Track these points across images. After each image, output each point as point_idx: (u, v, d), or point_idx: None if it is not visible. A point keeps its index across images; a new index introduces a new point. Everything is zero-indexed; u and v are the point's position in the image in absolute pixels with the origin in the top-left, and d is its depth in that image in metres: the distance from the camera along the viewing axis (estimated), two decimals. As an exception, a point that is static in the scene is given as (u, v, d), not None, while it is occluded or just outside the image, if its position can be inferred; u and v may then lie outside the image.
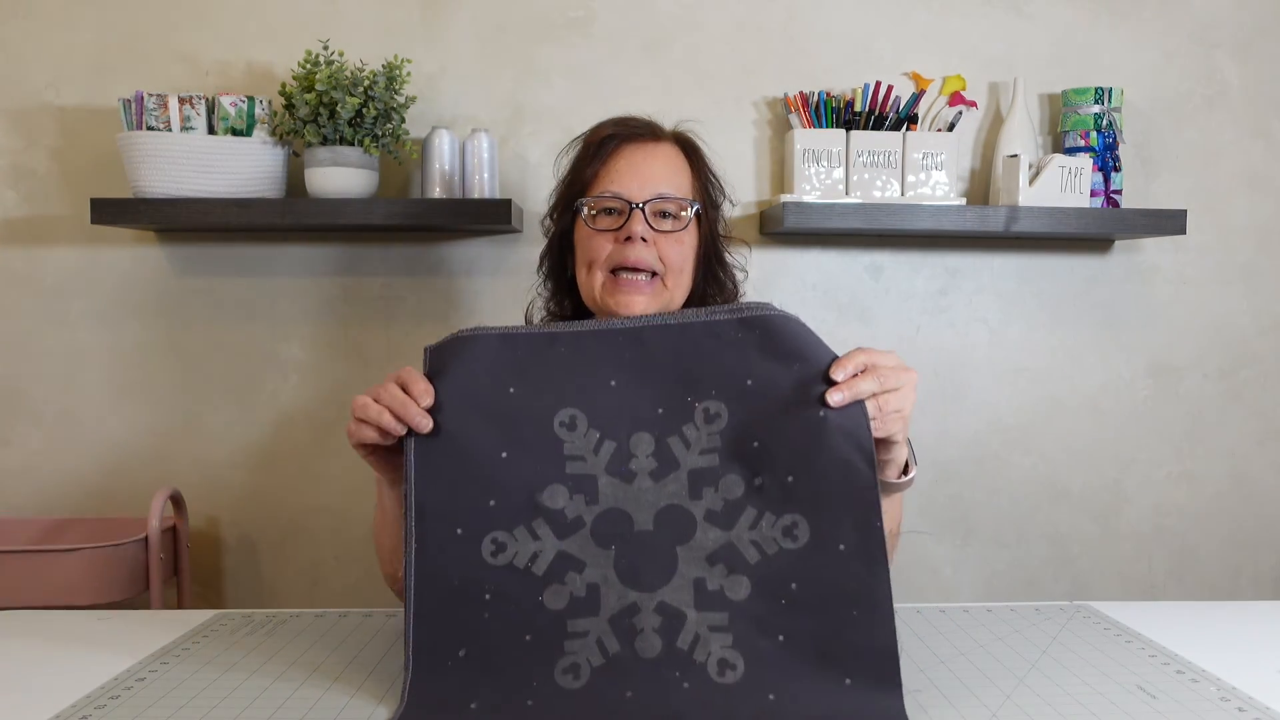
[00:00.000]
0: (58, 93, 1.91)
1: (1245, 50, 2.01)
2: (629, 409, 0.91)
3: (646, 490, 0.89)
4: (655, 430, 0.90)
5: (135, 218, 1.78)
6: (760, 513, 0.88)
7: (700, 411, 0.90)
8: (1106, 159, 1.91)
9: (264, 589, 1.99)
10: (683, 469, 0.89)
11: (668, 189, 1.20)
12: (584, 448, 0.90)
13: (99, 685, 0.92)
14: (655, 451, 0.89)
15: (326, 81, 1.72)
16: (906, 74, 1.97)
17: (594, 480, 0.89)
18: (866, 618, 0.85)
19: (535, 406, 0.91)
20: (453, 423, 0.91)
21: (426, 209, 1.80)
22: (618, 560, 0.87)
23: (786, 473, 0.88)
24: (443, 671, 0.86)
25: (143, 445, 1.96)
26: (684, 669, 0.84)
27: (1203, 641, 1.05)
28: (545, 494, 0.89)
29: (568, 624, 0.86)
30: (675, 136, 1.28)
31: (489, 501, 0.88)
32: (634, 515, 0.88)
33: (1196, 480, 2.08)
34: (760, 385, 0.90)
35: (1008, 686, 0.92)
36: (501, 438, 0.90)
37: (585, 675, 0.85)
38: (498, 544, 0.88)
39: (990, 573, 2.06)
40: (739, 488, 0.88)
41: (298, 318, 1.95)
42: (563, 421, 0.90)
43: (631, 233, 1.17)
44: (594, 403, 0.91)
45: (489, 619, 0.87)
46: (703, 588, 0.86)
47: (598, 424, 0.90)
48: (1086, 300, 2.03)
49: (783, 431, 0.89)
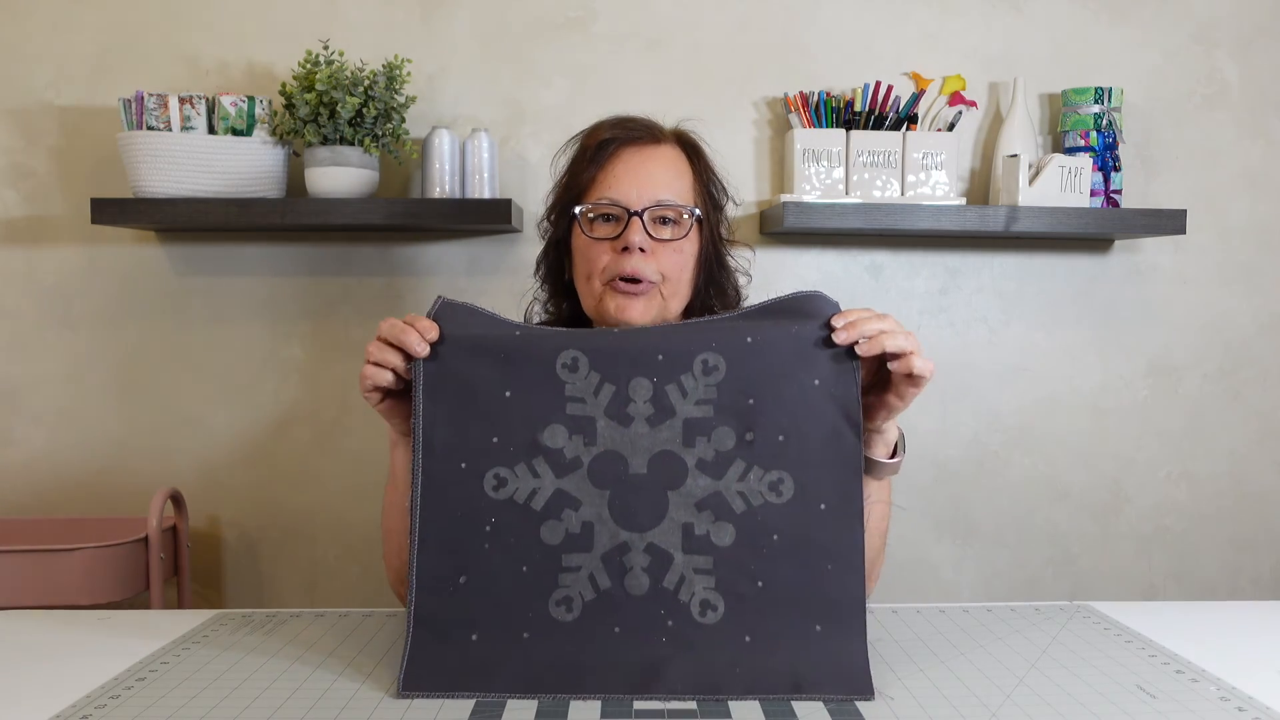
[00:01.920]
0: (58, 93, 1.91)
1: (1245, 50, 2.01)
2: (630, 353, 0.94)
3: (642, 435, 0.93)
4: (654, 376, 0.94)
5: (135, 218, 1.78)
6: (749, 466, 0.92)
7: (699, 362, 0.94)
8: (1106, 159, 1.91)
9: (264, 589, 1.99)
10: (678, 417, 0.93)
11: (667, 195, 1.17)
12: (584, 389, 0.94)
13: (99, 685, 0.92)
14: (653, 398, 0.93)
15: (326, 81, 1.72)
16: (906, 74, 1.97)
17: (593, 422, 0.93)
18: (839, 571, 0.91)
19: (538, 347, 0.95)
20: (458, 361, 0.95)
21: (426, 209, 1.80)
22: (612, 500, 0.92)
23: (778, 432, 0.93)
24: (444, 596, 0.92)
25: (143, 445, 1.96)
26: (669, 607, 0.91)
27: (1203, 641, 1.05)
28: (546, 433, 0.93)
29: (562, 558, 0.92)
30: (676, 137, 1.25)
31: (492, 438, 0.93)
32: (629, 458, 0.93)
33: (1196, 480, 2.08)
34: (759, 343, 0.94)
35: (1008, 686, 0.92)
36: (505, 377, 0.94)
37: (577, 609, 0.91)
38: (499, 479, 0.93)
39: (990, 573, 2.06)
40: (730, 440, 0.93)
41: (298, 318, 1.95)
42: (565, 363, 0.94)
43: (629, 243, 1.15)
44: (596, 346, 0.95)
45: (489, 549, 0.92)
46: (690, 532, 0.92)
47: (599, 366, 0.94)
48: (1086, 300, 2.03)
49: (777, 392, 0.93)
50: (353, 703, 0.88)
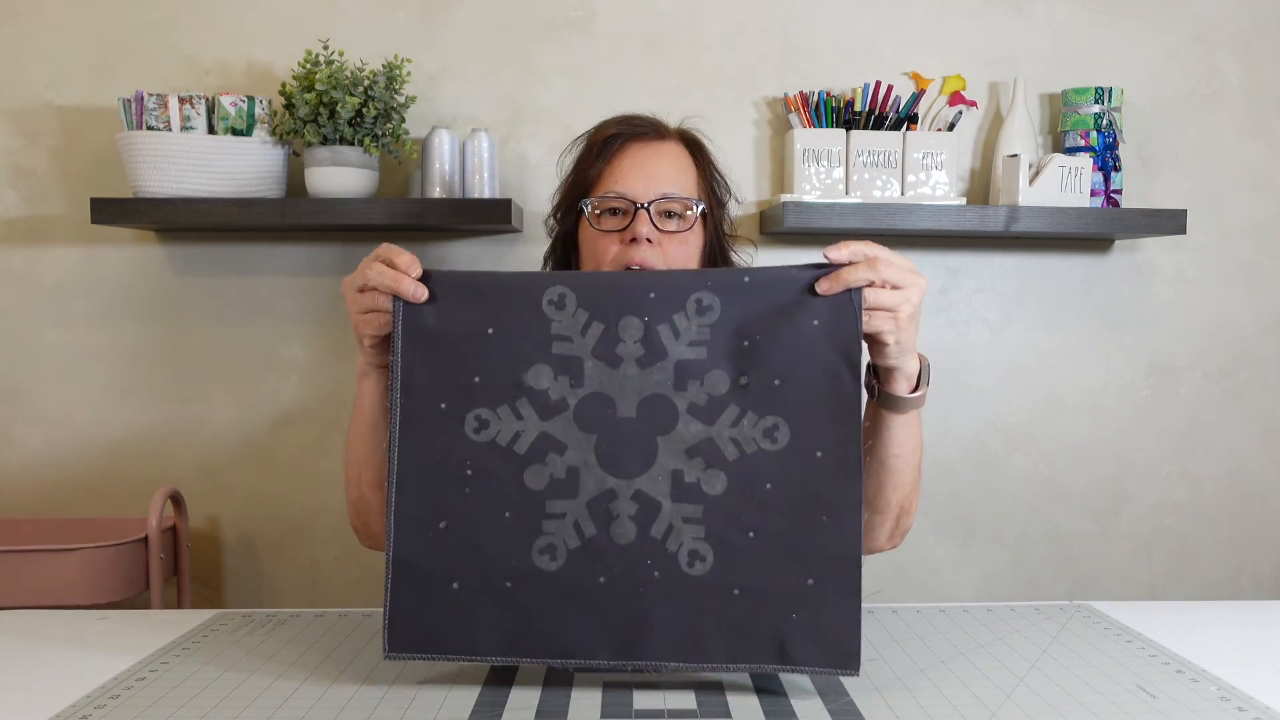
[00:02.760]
0: (58, 93, 1.91)
1: (1245, 50, 2.01)
2: (620, 290, 0.91)
3: (632, 377, 0.89)
4: (645, 315, 0.90)
5: (135, 217, 1.78)
6: (743, 411, 0.89)
7: (693, 301, 0.90)
8: (1106, 159, 1.91)
9: (264, 589, 2.00)
10: (669, 359, 0.89)
11: (673, 188, 1.19)
12: (571, 328, 0.90)
13: (99, 685, 0.92)
14: (643, 338, 0.89)
15: (326, 81, 1.72)
16: (906, 74, 1.97)
17: (580, 362, 0.89)
18: (834, 523, 0.88)
19: (524, 283, 0.91)
20: (440, 297, 0.91)
21: (426, 209, 1.80)
22: (598, 445, 0.89)
23: (773, 376, 0.89)
24: (423, 542, 0.90)
25: (143, 445, 1.96)
26: (656, 557, 0.88)
27: (1203, 641, 1.05)
28: (530, 373, 0.90)
29: (546, 504, 0.89)
30: (680, 134, 1.27)
31: (473, 378, 0.90)
32: (617, 401, 0.89)
33: (1196, 480, 2.07)
34: (757, 283, 0.91)
35: (1008, 686, 0.92)
36: (488, 313, 0.90)
37: (561, 557, 0.89)
38: (480, 420, 0.89)
39: (990, 573, 2.06)
40: (724, 384, 0.89)
41: (298, 318, 1.95)
42: (551, 300, 0.90)
43: (637, 234, 1.16)
44: (584, 282, 0.92)
45: (470, 494, 0.89)
46: (680, 480, 0.89)
47: (586, 303, 0.90)
48: (1086, 300, 2.03)
49: (774, 334, 0.90)
50: (352, 703, 0.88)
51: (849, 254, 0.92)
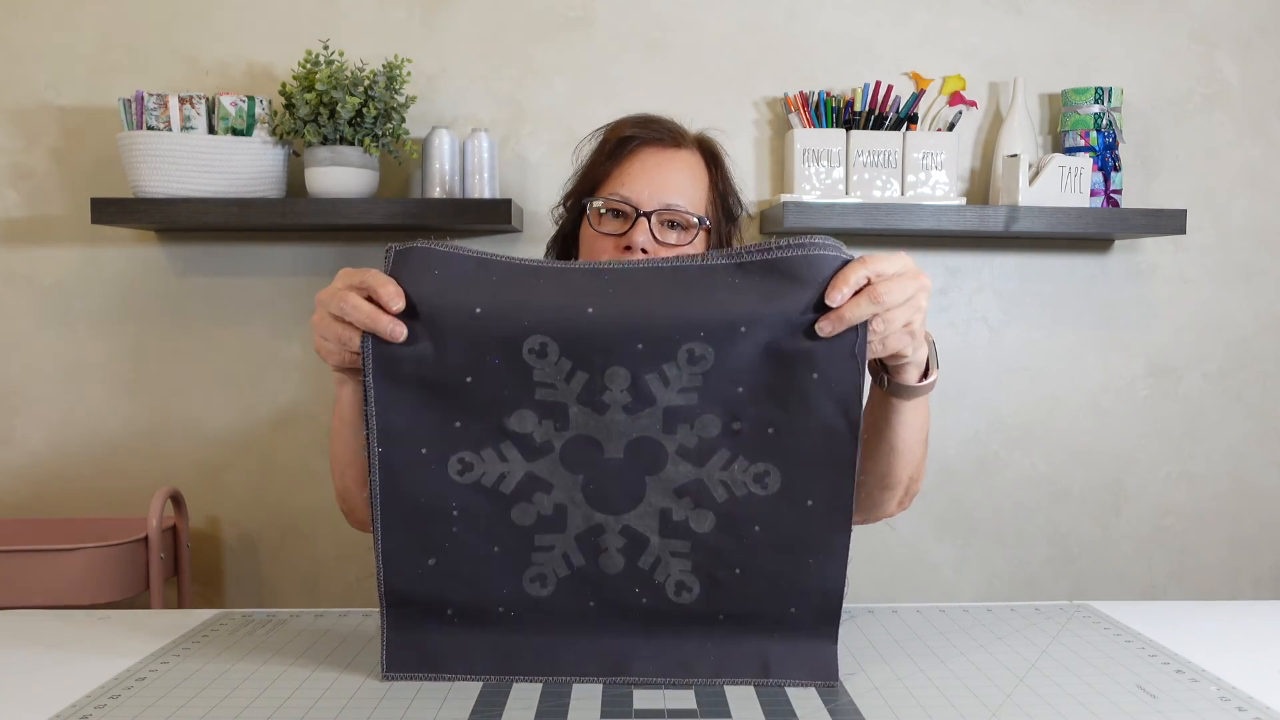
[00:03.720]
0: (58, 93, 1.91)
1: (1245, 50, 2.01)
2: (605, 340, 0.84)
3: (619, 421, 0.86)
4: (633, 366, 0.85)
5: (135, 218, 1.78)
6: (734, 455, 0.87)
7: (684, 352, 0.84)
8: (1106, 159, 1.91)
9: (264, 589, 1.99)
10: (658, 405, 0.86)
11: (679, 200, 1.17)
12: (554, 376, 0.85)
13: (99, 685, 0.92)
14: (631, 387, 0.85)
15: (326, 81, 1.72)
16: (906, 74, 1.97)
17: (564, 407, 0.86)
18: (821, 566, 0.88)
19: (503, 330, 0.85)
20: (415, 341, 0.85)
21: (426, 209, 1.80)
22: (585, 485, 0.88)
23: (767, 424, 0.86)
24: (414, 576, 0.90)
25: (143, 445, 1.96)
26: (643, 586, 0.89)
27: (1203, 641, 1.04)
28: (513, 418, 0.86)
29: (535, 538, 0.89)
30: (699, 143, 1.24)
31: (454, 423, 0.87)
32: (604, 444, 0.87)
33: (1196, 480, 2.08)
34: (754, 332, 0.84)
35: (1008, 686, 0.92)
36: (466, 362, 0.85)
37: (552, 584, 0.90)
38: (464, 463, 0.88)
39: (990, 573, 2.06)
40: (715, 427, 0.86)
41: (298, 318, 1.95)
42: (532, 349, 0.85)
43: (633, 242, 1.15)
44: (567, 330, 0.84)
45: (456, 533, 0.89)
46: (668, 518, 0.88)
47: (570, 354, 0.85)
48: (1086, 300, 2.03)
49: (770, 385, 0.85)
50: (353, 703, 0.88)
51: (849, 288, 0.83)
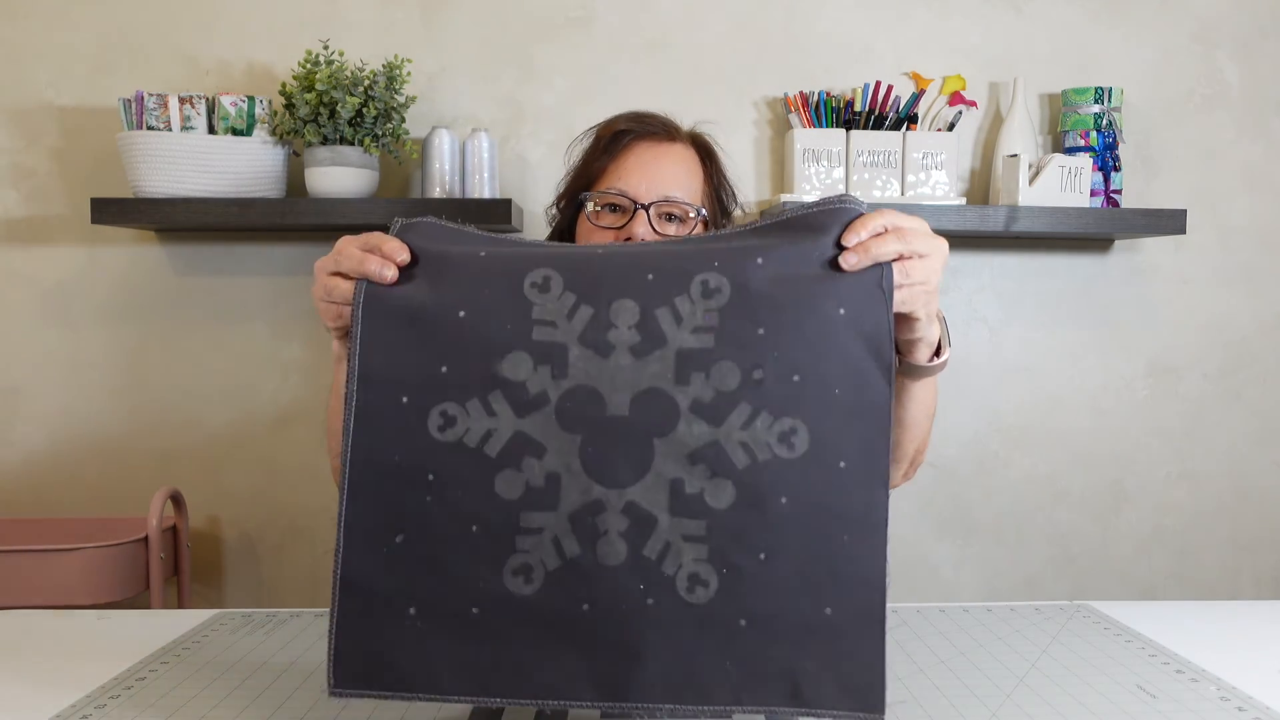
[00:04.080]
0: (58, 93, 1.91)
1: (1245, 50, 2.01)
2: (613, 272, 0.77)
3: (625, 368, 0.75)
4: (641, 299, 0.76)
5: (135, 217, 1.78)
6: (756, 411, 0.75)
7: (698, 283, 0.76)
8: (1106, 159, 1.91)
9: (264, 589, 1.99)
10: (670, 347, 0.75)
11: (676, 192, 1.18)
12: (556, 312, 0.76)
13: (99, 685, 0.92)
14: (639, 323, 0.76)
15: (326, 81, 1.72)
16: (906, 74, 1.97)
17: (564, 349, 0.76)
18: (858, 545, 0.75)
19: (505, 264, 0.78)
20: (408, 279, 0.80)
21: (426, 209, 1.80)
22: (584, 447, 0.75)
23: (792, 370, 0.75)
24: (378, 557, 0.77)
25: (143, 445, 1.96)
26: (650, 582, 0.74)
27: (1203, 641, 1.05)
28: (505, 362, 0.76)
29: (520, 517, 0.75)
30: (692, 137, 1.25)
31: (440, 367, 0.76)
32: (607, 396, 0.75)
33: (1196, 480, 2.07)
34: (772, 263, 0.77)
35: (1008, 686, 0.92)
36: (460, 293, 0.77)
37: (538, 579, 0.75)
38: (446, 418, 0.76)
39: (990, 573, 2.06)
40: (734, 378, 0.75)
41: (298, 318, 1.95)
42: (534, 282, 0.77)
43: (633, 234, 1.15)
44: (574, 265, 0.78)
45: (431, 503, 0.76)
46: (680, 490, 0.75)
47: (575, 287, 0.77)
48: (1086, 300, 2.03)
49: (794, 322, 0.76)
50: (353, 703, 0.88)
51: (872, 229, 0.79)
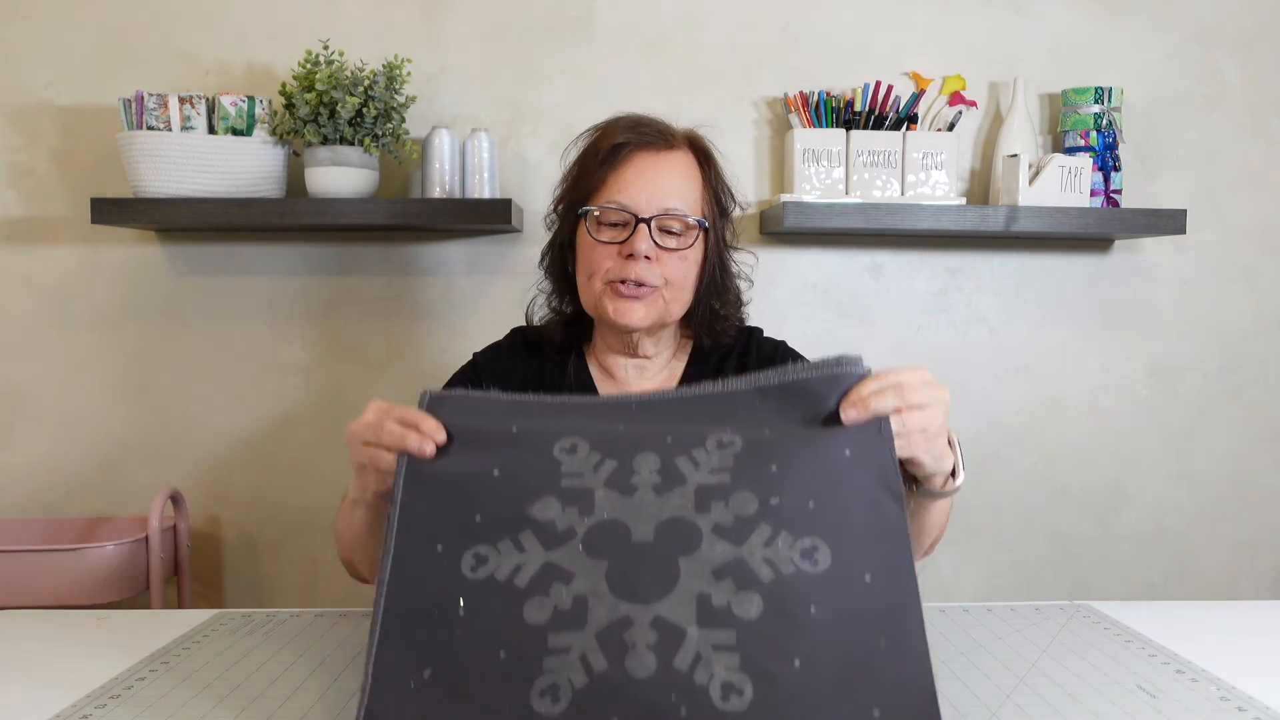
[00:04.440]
0: (58, 92, 1.91)
1: (1245, 50, 2.01)
2: (635, 435, 0.84)
3: (648, 503, 0.79)
4: (662, 453, 0.82)
5: (135, 217, 1.78)
6: (776, 531, 0.77)
7: (713, 440, 0.83)
8: (1106, 158, 1.91)
9: (264, 589, 2.00)
10: (689, 484, 0.80)
11: (677, 203, 1.17)
12: (583, 467, 0.82)
13: (99, 685, 0.92)
14: (660, 469, 0.81)
15: (326, 81, 1.72)
16: (906, 74, 1.97)
17: (590, 492, 0.80)
18: (896, 648, 0.74)
19: (536, 435, 0.85)
20: (444, 452, 0.86)
21: (426, 209, 1.80)
22: (610, 570, 0.76)
23: (807, 497, 0.78)
24: (404, 694, 0.77)
25: (143, 445, 1.96)
26: (681, 691, 0.72)
27: (1203, 641, 1.05)
28: (536, 506, 0.80)
29: (549, 639, 0.75)
30: (689, 141, 1.24)
31: (474, 517, 0.81)
32: (632, 527, 0.78)
33: (1196, 480, 2.07)
34: (777, 432, 0.83)
35: (1008, 686, 0.92)
36: (495, 461, 0.84)
37: (565, 699, 0.73)
38: (479, 558, 0.79)
39: (990, 573, 2.06)
40: (752, 505, 0.78)
41: (298, 318, 1.95)
42: (563, 447, 0.84)
43: (635, 250, 1.15)
44: (599, 431, 0.85)
45: (460, 635, 0.77)
46: (707, 603, 0.74)
47: (599, 447, 0.83)
48: (1086, 300, 2.03)
49: (803, 460, 0.80)
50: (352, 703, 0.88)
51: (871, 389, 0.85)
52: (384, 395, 1.95)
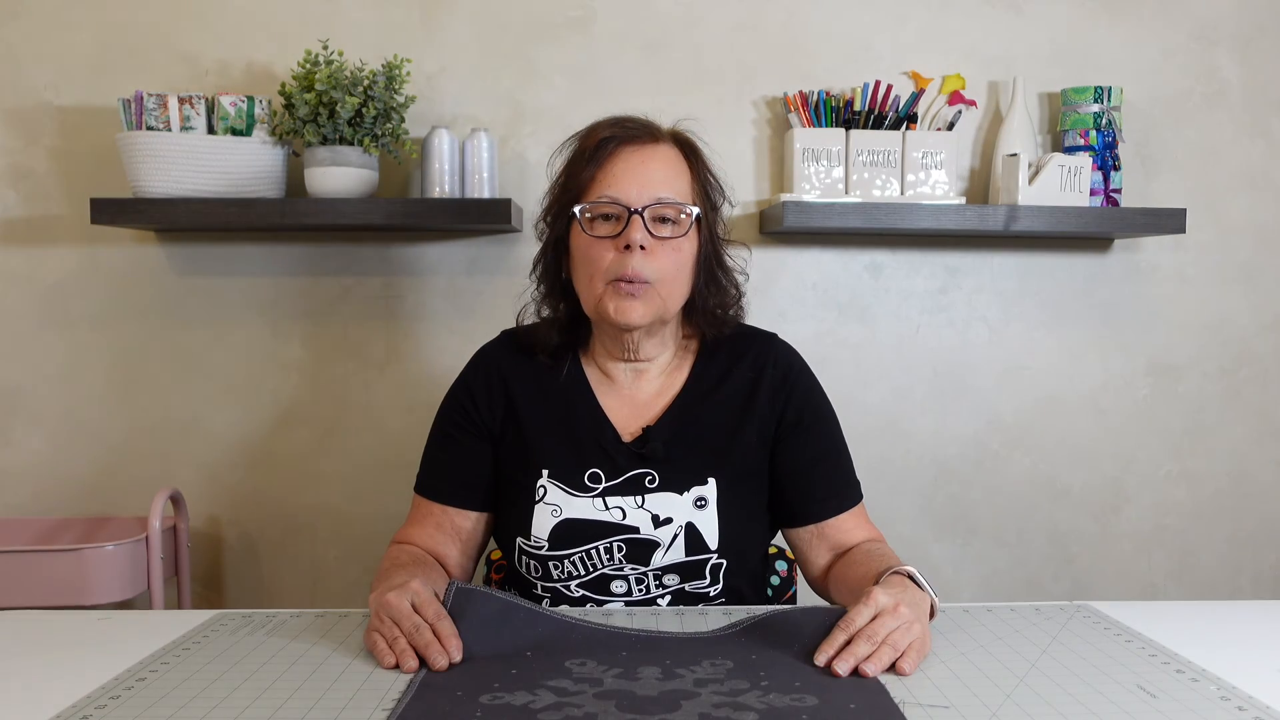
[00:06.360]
0: (58, 93, 1.91)
1: (1245, 49, 2.01)
2: (636, 658, 0.99)
3: (651, 685, 0.92)
4: (662, 666, 0.96)
5: (135, 217, 1.78)
6: (767, 692, 0.90)
7: (707, 661, 0.98)
8: (1106, 158, 1.91)
9: (264, 589, 2.00)
10: (688, 679, 0.93)
11: (667, 193, 1.18)
12: (593, 671, 0.95)
13: (99, 685, 0.92)
14: (661, 675, 0.94)
15: (326, 81, 1.72)
16: (906, 73, 1.97)
17: (600, 680, 0.93)
18: None
19: (548, 655, 0.99)
20: (468, 657, 0.98)
21: (426, 209, 1.80)
22: (619, 703, 0.88)
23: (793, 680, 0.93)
24: None
25: (143, 445, 1.96)
26: None
27: (1203, 641, 1.05)
28: (551, 681, 0.93)
29: None
30: (674, 137, 1.25)
31: (492, 684, 0.93)
32: (637, 692, 0.91)
33: (1196, 480, 2.08)
34: (764, 658, 0.99)
35: (1008, 686, 0.92)
36: (509, 664, 0.97)
37: None
38: (496, 696, 0.90)
39: (990, 573, 2.06)
40: (745, 685, 0.92)
41: (298, 318, 1.95)
42: (571, 663, 0.97)
43: (630, 240, 1.15)
44: (606, 652, 1.00)
45: None
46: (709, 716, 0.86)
47: (606, 661, 0.97)
48: (1086, 300, 2.03)
49: (790, 667, 0.96)
50: (353, 703, 0.88)
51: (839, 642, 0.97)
52: (384, 395, 1.97)
